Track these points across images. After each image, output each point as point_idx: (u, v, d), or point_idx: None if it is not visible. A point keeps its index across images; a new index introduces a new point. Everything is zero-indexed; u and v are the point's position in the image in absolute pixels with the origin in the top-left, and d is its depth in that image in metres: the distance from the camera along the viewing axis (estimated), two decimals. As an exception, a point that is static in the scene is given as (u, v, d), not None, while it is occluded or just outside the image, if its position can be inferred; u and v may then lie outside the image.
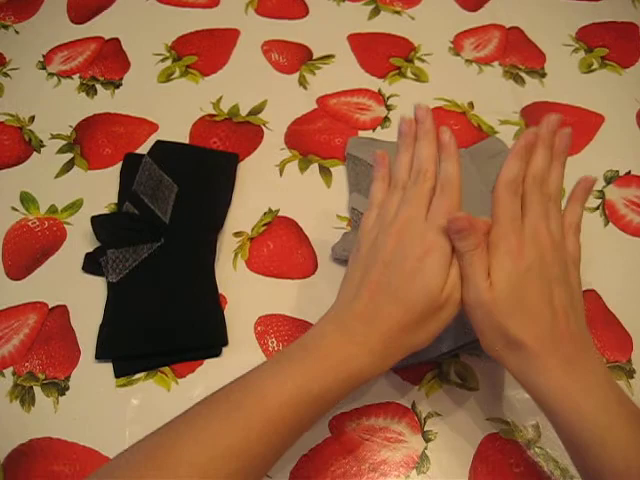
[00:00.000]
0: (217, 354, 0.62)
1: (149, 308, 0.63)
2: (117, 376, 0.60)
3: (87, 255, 0.67)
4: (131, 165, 0.72)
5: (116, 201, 0.70)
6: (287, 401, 0.45)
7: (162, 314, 0.63)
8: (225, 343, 0.62)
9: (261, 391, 0.46)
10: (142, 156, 0.72)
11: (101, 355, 0.61)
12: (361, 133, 0.76)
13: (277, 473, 0.55)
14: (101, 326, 0.62)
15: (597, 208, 0.71)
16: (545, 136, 0.53)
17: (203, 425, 0.45)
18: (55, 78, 0.83)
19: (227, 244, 0.68)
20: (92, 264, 0.66)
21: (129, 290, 0.64)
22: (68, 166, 0.74)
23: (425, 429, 0.57)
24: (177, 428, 0.46)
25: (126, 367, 0.61)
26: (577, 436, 0.46)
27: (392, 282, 0.49)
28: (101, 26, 0.88)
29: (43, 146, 0.76)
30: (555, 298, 0.49)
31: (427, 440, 0.57)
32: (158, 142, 0.74)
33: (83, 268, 0.66)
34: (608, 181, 0.73)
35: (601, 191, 0.72)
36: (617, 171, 0.73)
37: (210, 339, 0.62)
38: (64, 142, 0.76)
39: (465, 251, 0.49)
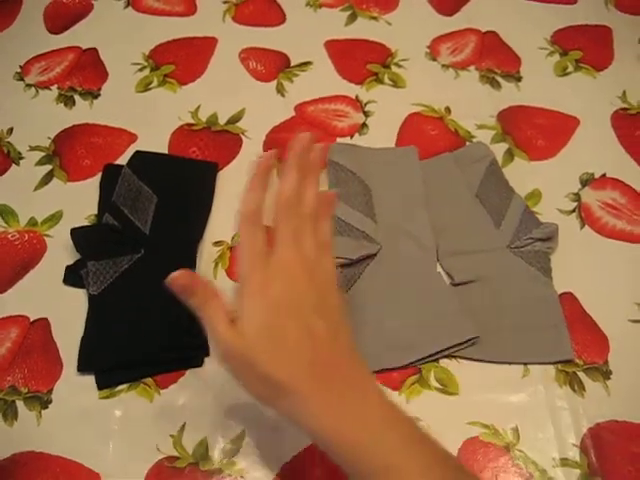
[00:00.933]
0: (199, 364, 0.62)
1: (130, 319, 0.63)
2: (100, 388, 0.60)
3: (67, 267, 0.67)
4: (110, 176, 0.72)
5: (96, 212, 0.71)
6: None
7: (143, 325, 0.63)
8: (207, 353, 0.62)
9: None
10: (121, 167, 0.72)
11: (83, 368, 0.61)
12: (339, 140, 0.77)
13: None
14: (82, 338, 0.62)
15: (573, 211, 0.71)
16: (291, 157, 0.51)
17: None
18: (33, 89, 0.83)
19: (207, 253, 0.68)
20: (73, 276, 0.66)
21: (110, 302, 0.64)
22: (47, 178, 0.74)
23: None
24: None
25: (108, 379, 0.61)
26: (359, 470, 0.44)
27: None
28: (78, 36, 0.88)
29: (22, 158, 0.76)
30: (314, 329, 0.46)
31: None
32: (137, 152, 0.74)
33: (64, 281, 0.66)
34: (584, 184, 0.73)
35: (577, 194, 0.73)
36: (592, 174, 0.74)
37: (192, 349, 0.62)
38: (43, 154, 0.76)
39: (197, 307, 0.47)
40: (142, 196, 0.70)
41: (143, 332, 0.63)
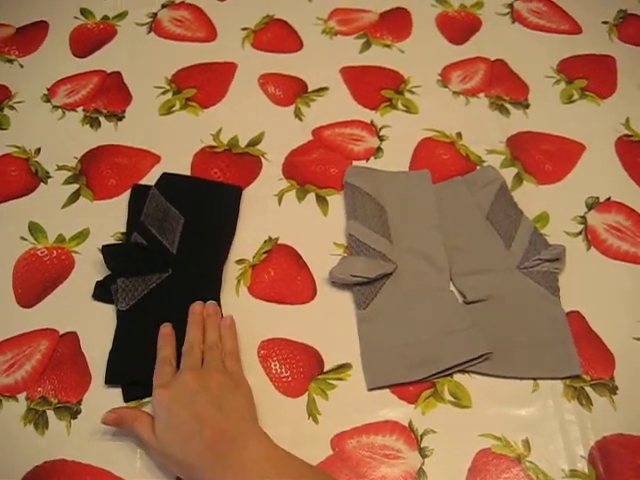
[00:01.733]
0: None
1: (157, 336, 0.65)
2: (126, 400, 0.62)
3: (97, 283, 0.69)
4: (138, 196, 0.75)
5: (122, 230, 0.73)
6: None
7: None
8: None
9: None
10: (149, 187, 0.75)
11: (110, 381, 0.63)
12: (355, 163, 0.79)
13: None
14: (110, 352, 0.64)
15: (580, 233, 0.74)
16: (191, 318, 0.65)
17: None
18: (60, 111, 0.85)
19: (230, 271, 0.71)
20: (102, 292, 0.68)
21: (138, 318, 0.66)
22: (74, 197, 0.77)
23: (422, 445, 0.60)
24: None
25: (134, 392, 0.63)
26: None
27: None
28: (103, 60, 0.91)
29: (49, 177, 0.79)
30: (198, 409, 0.56)
31: (424, 456, 0.60)
32: (164, 174, 0.76)
33: (93, 295, 0.68)
34: (589, 207, 0.76)
35: (583, 217, 0.75)
36: (597, 197, 0.77)
37: None
38: (70, 173, 0.79)
39: (129, 429, 0.58)
40: (169, 217, 0.72)
41: None
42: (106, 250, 0.69)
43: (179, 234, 0.72)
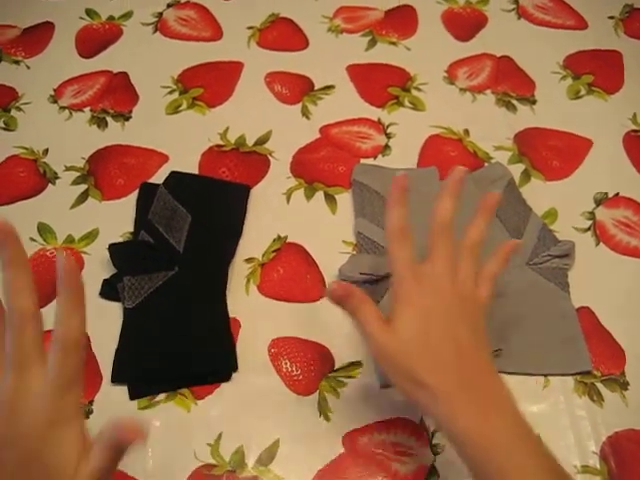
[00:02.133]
0: (227, 379, 0.64)
1: (162, 334, 0.66)
2: (132, 398, 0.63)
3: (104, 281, 0.69)
4: (146, 194, 0.75)
5: (131, 230, 0.73)
6: None
7: (174, 340, 0.66)
8: (235, 369, 0.64)
9: None
10: (157, 185, 0.75)
11: (116, 379, 0.64)
12: (363, 161, 0.79)
13: (296, 487, 0.58)
14: (117, 350, 0.65)
15: (588, 229, 0.74)
16: (450, 184, 0.57)
17: None
18: (67, 111, 0.86)
19: (239, 270, 0.71)
20: (109, 290, 0.69)
21: (144, 316, 0.66)
22: (83, 197, 0.77)
23: (433, 442, 0.60)
24: None
25: (140, 390, 0.63)
26: (488, 470, 0.47)
27: None
28: (109, 60, 0.91)
29: (58, 178, 0.79)
30: (460, 339, 0.50)
31: (435, 453, 0.60)
32: (173, 173, 0.77)
33: (100, 293, 0.69)
34: (598, 203, 0.76)
35: (592, 212, 0.75)
36: (606, 193, 0.77)
37: (221, 365, 0.65)
38: (78, 174, 0.79)
39: (352, 311, 0.52)
40: (177, 215, 0.72)
41: (174, 346, 0.65)
42: (113, 248, 0.69)
43: (186, 232, 0.72)
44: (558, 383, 0.64)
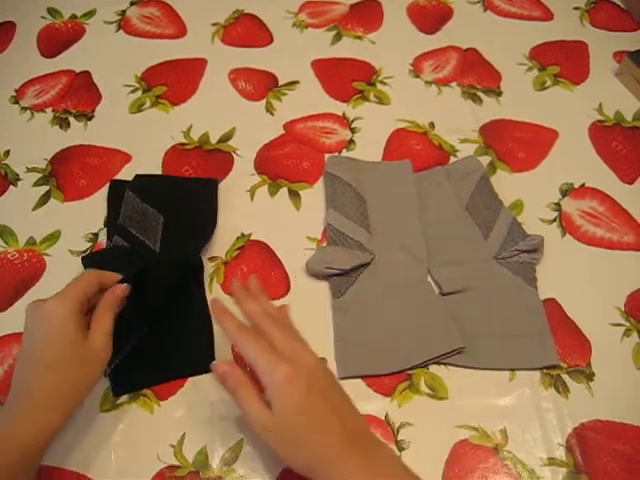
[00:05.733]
0: (207, 370, 0.63)
1: (140, 332, 0.65)
2: (115, 395, 0.62)
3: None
4: (116, 191, 0.74)
5: (94, 231, 0.73)
6: None
7: (153, 340, 0.65)
8: (212, 357, 0.64)
9: None
10: (127, 182, 0.74)
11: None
12: (327, 156, 0.79)
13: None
14: None
15: (554, 220, 0.74)
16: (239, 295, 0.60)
17: None
18: (28, 112, 0.85)
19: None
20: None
21: (122, 315, 0.65)
22: (45, 198, 0.76)
23: (398, 439, 0.60)
24: None
25: (123, 386, 0.63)
26: None
27: None
28: (71, 59, 0.91)
29: (19, 180, 0.78)
30: (335, 404, 0.53)
31: (400, 449, 0.59)
32: (137, 176, 0.75)
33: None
34: (564, 194, 0.76)
35: (557, 204, 0.75)
36: (572, 184, 0.77)
37: (199, 355, 0.65)
38: (40, 175, 0.78)
39: (232, 391, 0.54)
40: (148, 217, 0.71)
41: (153, 347, 0.64)
42: (85, 260, 0.68)
43: (160, 232, 0.71)
44: (524, 376, 0.63)
